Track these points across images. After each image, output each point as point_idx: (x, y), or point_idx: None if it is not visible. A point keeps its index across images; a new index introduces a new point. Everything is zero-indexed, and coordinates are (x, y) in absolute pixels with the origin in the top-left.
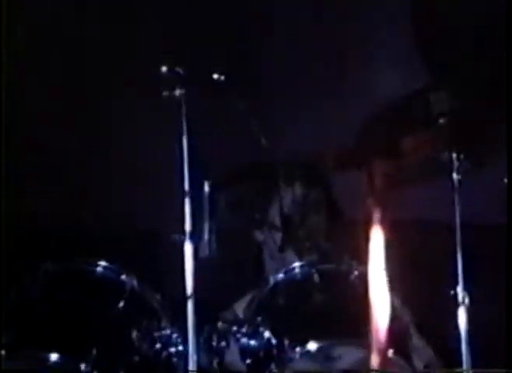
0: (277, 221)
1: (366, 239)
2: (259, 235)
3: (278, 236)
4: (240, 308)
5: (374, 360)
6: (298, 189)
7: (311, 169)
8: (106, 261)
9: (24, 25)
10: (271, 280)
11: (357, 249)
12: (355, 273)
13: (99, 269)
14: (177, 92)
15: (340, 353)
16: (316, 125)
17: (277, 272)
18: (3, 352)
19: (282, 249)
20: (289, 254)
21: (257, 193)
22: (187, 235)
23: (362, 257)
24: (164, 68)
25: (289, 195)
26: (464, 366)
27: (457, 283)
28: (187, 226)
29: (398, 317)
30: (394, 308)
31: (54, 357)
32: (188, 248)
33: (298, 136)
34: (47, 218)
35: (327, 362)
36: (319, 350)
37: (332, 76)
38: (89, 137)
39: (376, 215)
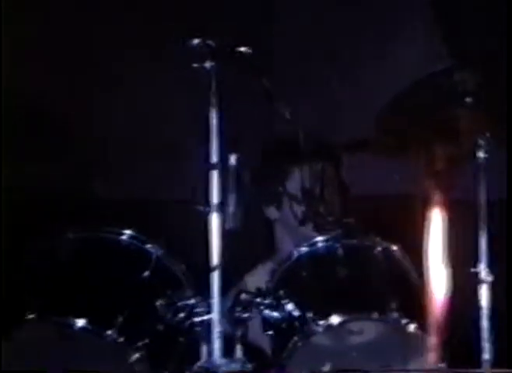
0: (298, 194)
1: (386, 215)
2: (273, 213)
3: (299, 210)
4: (250, 279)
5: (395, 335)
6: (316, 165)
7: (327, 146)
8: (132, 230)
9: None
10: (295, 254)
11: (379, 226)
12: (379, 248)
13: (124, 237)
14: (208, 65)
15: (362, 328)
16: (331, 107)
17: (295, 246)
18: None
19: (303, 223)
20: (308, 229)
21: (280, 168)
22: (214, 207)
23: (384, 233)
24: (196, 41)
25: (309, 170)
26: (486, 344)
27: (479, 260)
28: (214, 198)
29: (418, 292)
30: (414, 284)
31: (80, 322)
32: (215, 219)
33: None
34: (76, 187)
35: (349, 336)
36: (341, 324)
37: (350, 58)
38: (119, 107)
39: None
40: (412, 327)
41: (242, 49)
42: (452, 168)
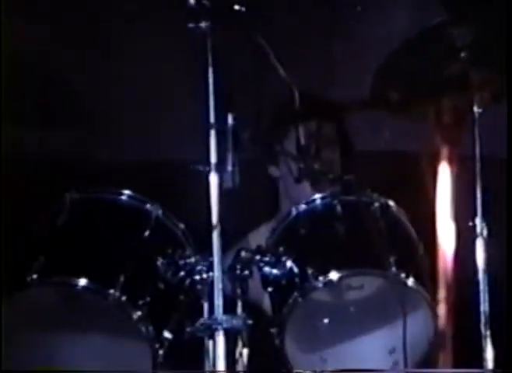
0: (294, 153)
1: (383, 172)
2: (275, 171)
3: (295, 168)
4: (253, 237)
5: (395, 290)
6: (312, 124)
7: (324, 105)
8: (131, 191)
9: None
10: (293, 211)
11: (376, 182)
12: (376, 204)
13: (123, 198)
14: (203, 24)
15: (361, 283)
16: (327, 65)
17: (294, 204)
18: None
19: (298, 180)
20: (305, 186)
21: (277, 127)
22: (213, 167)
23: (381, 189)
24: (192, 0)
25: (304, 129)
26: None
27: (475, 214)
28: (213, 158)
29: (416, 248)
30: (411, 239)
31: (82, 282)
32: (214, 179)
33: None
34: (74, 148)
35: (349, 291)
36: (340, 279)
37: (346, 15)
38: (114, 67)
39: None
40: (410, 281)
41: (236, 7)
42: (451, 123)
